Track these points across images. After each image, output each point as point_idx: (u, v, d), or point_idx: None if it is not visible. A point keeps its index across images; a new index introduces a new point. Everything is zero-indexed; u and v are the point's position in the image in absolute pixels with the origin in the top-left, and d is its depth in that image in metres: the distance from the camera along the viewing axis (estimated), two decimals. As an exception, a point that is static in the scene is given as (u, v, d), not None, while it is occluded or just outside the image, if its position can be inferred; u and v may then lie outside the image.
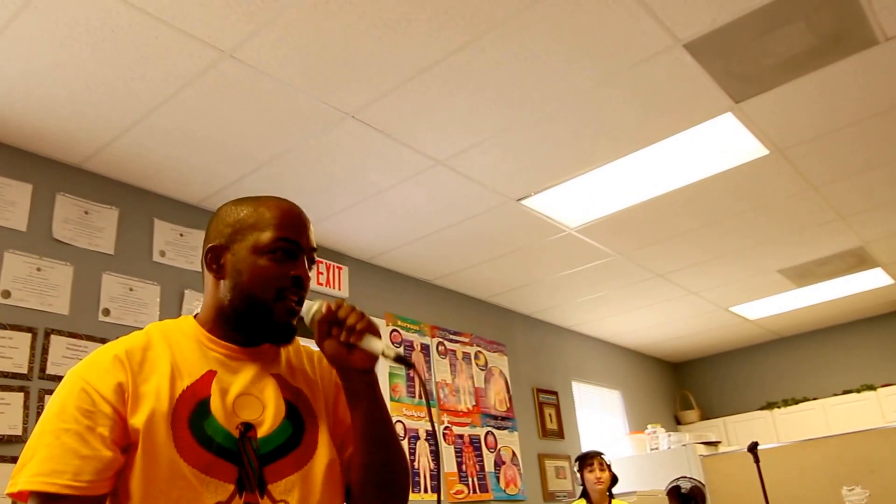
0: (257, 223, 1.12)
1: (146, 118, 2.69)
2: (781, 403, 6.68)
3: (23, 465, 0.95)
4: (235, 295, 1.09)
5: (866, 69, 2.82)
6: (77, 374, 1.01)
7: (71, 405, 0.97)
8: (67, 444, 0.95)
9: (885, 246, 4.81)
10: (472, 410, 4.65)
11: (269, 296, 1.09)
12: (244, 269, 1.09)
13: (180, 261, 3.22)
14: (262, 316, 1.10)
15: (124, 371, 1.01)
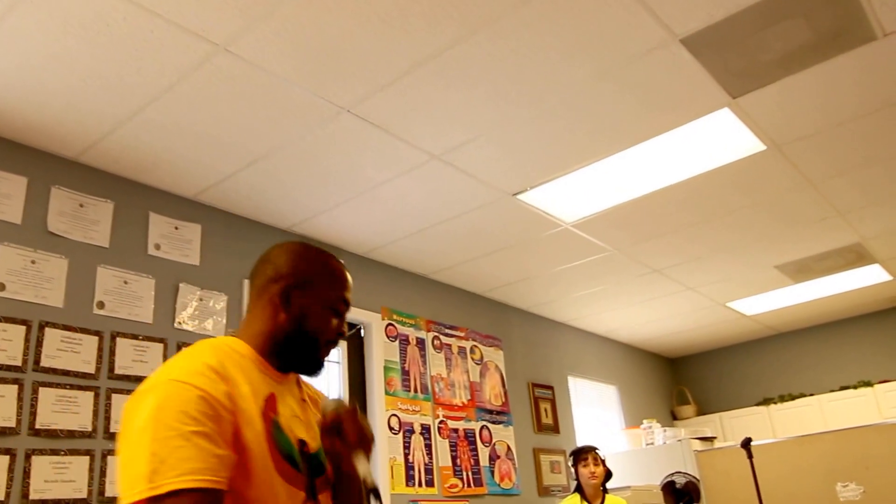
0: (329, 281, 1.32)
1: (141, 111, 2.70)
2: (778, 399, 6.72)
3: (155, 470, 1.00)
4: (295, 331, 1.27)
5: (864, 65, 2.83)
6: (184, 382, 1.08)
7: (192, 409, 1.05)
8: (201, 445, 1.03)
9: (884, 242, 4.83)
10: (468, 405, 4.68)
11: (323, 341, 1.30)
12: (310, 315, 1.28)
13: (175, 254, 3.23)
14: (312, 353, 1.30)
15: (225, 383, 1.13)
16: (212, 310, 3.30)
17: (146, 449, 1.01)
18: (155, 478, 0.99)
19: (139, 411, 1.06)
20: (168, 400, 1.06)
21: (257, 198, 3.45)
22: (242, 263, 3.55)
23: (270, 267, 1.32)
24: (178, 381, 1.08)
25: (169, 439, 1.02)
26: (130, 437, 1.05)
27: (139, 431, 1.04)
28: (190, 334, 3.17)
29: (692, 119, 3.10)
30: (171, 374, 1.10)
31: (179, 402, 1.05)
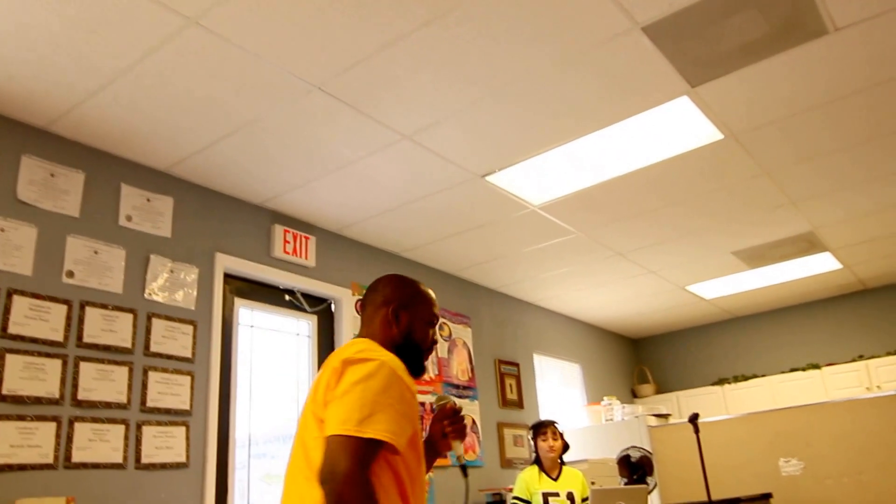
0: (423, 302, 1.72)
1: (112, 83, 2.64)
2: (732, 380, 6.84)
3: (363, 419, 1.36)
4: (406, 342, 1.65)
5: (816, 58, 2.86)
6: (395, 371, 1.46)
7: (396, 390, 1.43)
8: (402, 413, 1.42)
9: (835, 231, 4.91)
10: (435, 379, 4.70)
11: (424, 348, 1.69)
12: (416, 330, 1.67)
13: (146, 226, 3.18)
14: (418, 358, 1.67)
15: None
16: (183, 282, 3.26)
17: (359, 400, 1.38)
18: (364, 425, 1.35)
19: (357, 372, 1.43)
20: (382, 376, 1.43)
21: (229, 172, 3.41)
22: (215, 236, 3.51)
23: (379, 295, 1.70)
24: (391, 369, 1.46)
25: (378, 403, 1.38)
26: (345, 388, 1.42)
27: (360, 388, 1.40)
28: (160, 305, 3.14)
29: (653, 106, 3.11)
30: (385, 358, 1.48)
31: (390, 381, 1.43)
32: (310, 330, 4.06)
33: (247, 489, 3.43)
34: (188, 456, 3.06)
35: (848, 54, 2.84)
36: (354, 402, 1.38)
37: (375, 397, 1.39)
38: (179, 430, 3.05)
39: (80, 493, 2.66)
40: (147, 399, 2.96)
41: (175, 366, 3.11)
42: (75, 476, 2.66)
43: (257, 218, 3.77)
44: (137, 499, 2.84)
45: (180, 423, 3.07)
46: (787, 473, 3.97)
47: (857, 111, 3.30)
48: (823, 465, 3.91)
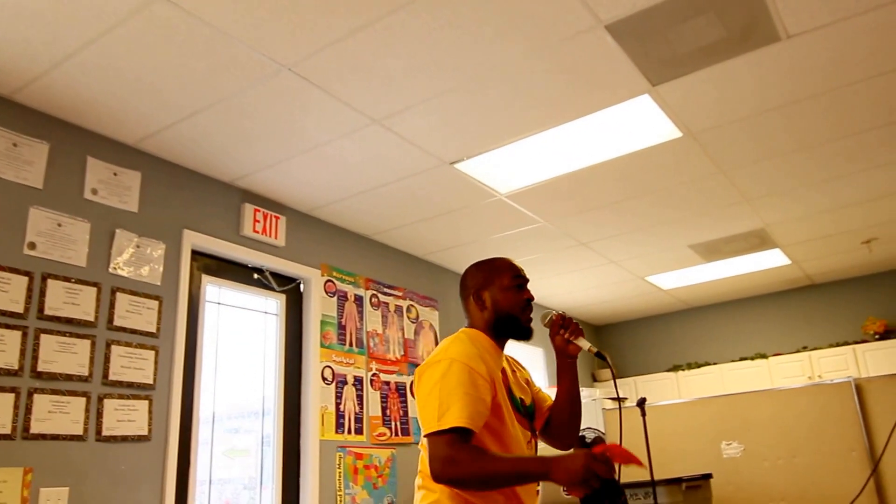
0: (498, 272, 1.77)
1: (78, 53, 2.53)
2: (686, 367, 6.94)
3: (442, 415, 1.49)
4: (498, 316, 1.74)
5: (770, 64, 2.86)
6: (461, 362, 1.56)
7: (467, 378, 1.54)
8: (475, 397, 1.53)
9: (785, 229, 4.97)
10: (401, 360, 4.67)
11: (517, 310, 1.75)
12: (500, 300, 1.75)
13: (113, 200, 3.08)
14: (517, 323, 1.74)
15: (483, 363, 1.61)
16: (149, 257, 3.18)
17: (438, 400, 1.51)
18: (443, 419, 1.48)
19: (431, 376, 1.57)
20: (456, 373, 1.54)
21: (199, 149, 3.32)
22: (183, 213, 3.42)
23: (463, 288, 1.83)
24: (460, 361, 1.56)
25: (452, 395, 1.50)
26: (425, 392, 1.55)
27: (430, 389, 1.54)
28: (125, 280, 3.05)
29: (616, 103, 3.09)
30: (452, 355, 1.58)
31: (458, 373, 1.53)
32: (278, 309, 4.00)
33: (209, 464, 3.38)
34: (150, 429, 3.00)
35: (799, 61, 2.85)
36: (433, 402, 1.52)
37: (449, 392, 1.51)
38: (142, 404, 2.99)
39: (39, 463, 2.59)
40: (109, 372, 2.89)
41: (139, 340, 3.04)
42: (33, 447, 2.59)
43: (227, 196, 3.68)
44: (97, 470, 2.78)
45: (143, 396, 3.00)
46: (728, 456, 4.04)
47: (807, 116, 3.32)
48: (761, 449, 3.99)
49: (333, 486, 3.87)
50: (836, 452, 3.94)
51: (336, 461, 3.93)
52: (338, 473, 3.92)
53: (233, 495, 3.54)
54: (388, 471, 4.27)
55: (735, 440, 4.04)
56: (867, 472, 3.83)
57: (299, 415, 3.89)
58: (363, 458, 4.12)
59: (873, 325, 6.12)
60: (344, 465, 3.97)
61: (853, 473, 3.88)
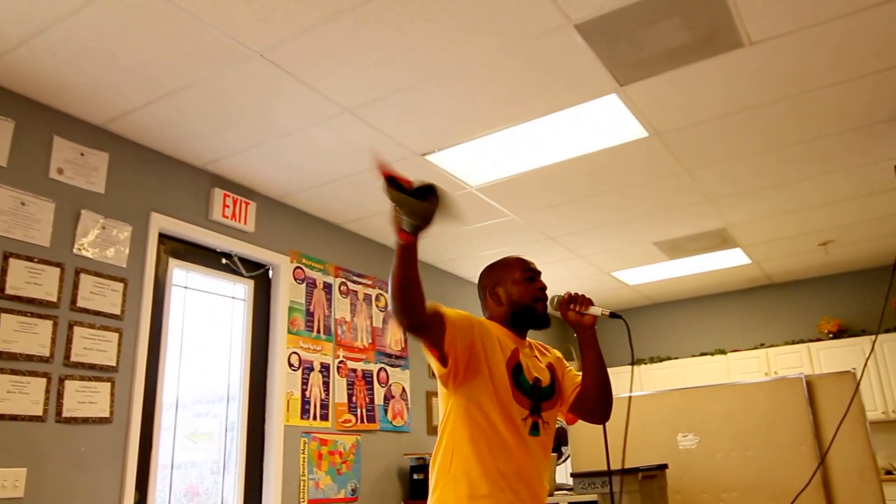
0: (508, 268, 1.93)
1: (45, 31, 2.48)
2: (647, 360, 7.07)
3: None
4: (513, 310, 1.88)
5: (733, 68, 2.92)
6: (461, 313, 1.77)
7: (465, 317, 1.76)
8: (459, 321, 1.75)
9: (745, 229, 5.09)
10: (368, 348, 4.69)
11: (529, 300, 1.88)
12: (513, 293, 1.89)
13: (79, 180, 3.03)
14: (532, 313, 1.88)
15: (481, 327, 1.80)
16: (115, 239, 3.14)
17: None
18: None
19: None
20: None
21: (169, 132, 3.28)
22: (151, 196, 3.38)
23: (480, 287, 1.98)
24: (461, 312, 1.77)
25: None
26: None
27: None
28: (90, 261, 3.01)
29: (584, 101, 3.13)
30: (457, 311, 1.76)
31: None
32: (246, 294, 3.98)
33: (172, 447, 3.36)
34: (112, 412, 2.97)
35: (762, 66, 2.92)
36: None
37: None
38: (104, 386, 2.96)
39: (-4, 443, 2.55)
40: (71, 354, 2.85)
41: (103, 322, 3.00)
42: (-9, 426, 2.55)
43: (196, 180, 3.65)
44: (57, 452, 2.75)
45: (105, 378, 2.97)
46: (684, 447, 4.14)
47: (770, 120, 3.40)
48: (715, 441, 4.09)
49: (297, 471, 3.88)
50: (786, 446, 4.06)
51: (300, 447, 3.94)
52: (302, 459, 3.93)
53: (198, 480, 3.52)
54: (353, 457, 4.29)
55: (691, 432, 4.14)
56: (814, 466, 3.96)
57: (264, 400, 3.88)
58: (328, 444, 4.13)
59: (827, 325, 6.30)
60: (308, 450, 3.98)
61: (801, 466, 4.00)
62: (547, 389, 1.86)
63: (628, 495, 3.53)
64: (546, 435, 1.84)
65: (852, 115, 3.39)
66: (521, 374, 1.80)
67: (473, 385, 1.75)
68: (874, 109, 3.34)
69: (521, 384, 1.80)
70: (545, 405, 1.84)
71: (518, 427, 1.76)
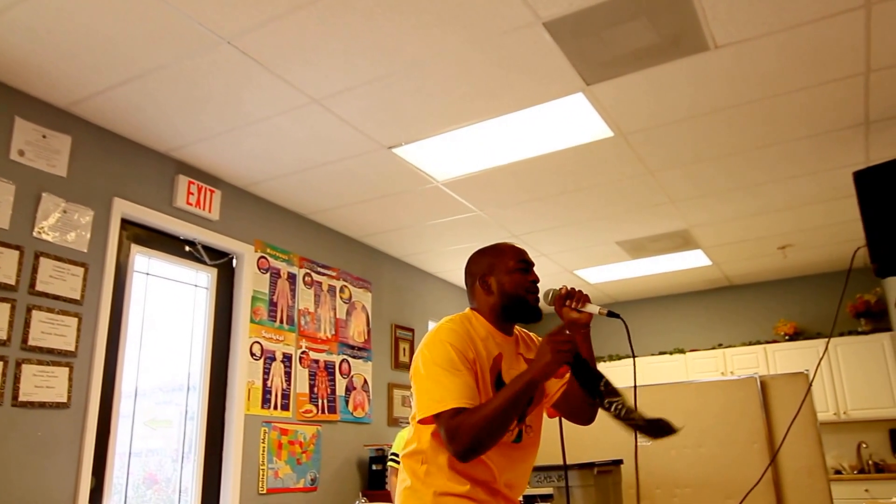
0: (501, 257, 1.79)
1: (8, 10, 2.47)
2: (608, 358, 7.21)
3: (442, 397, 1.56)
4: (504, 300, 1.75)
5: (698, 72, 3.03)
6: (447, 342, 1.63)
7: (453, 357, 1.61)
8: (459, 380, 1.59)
9: (706, 231, 5.24)
10: (331, 339, 4.72)
11: (522, 292, 1.75)
12: (505, 283, 1.75)
13: (40, 163, 3.01)
14: (524, 306, 1.75)
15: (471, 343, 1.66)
16: (76, 223, 3.12)
17: (429, 383, 1.60)
18: (442, 401, 1.55)
19: (420, 358, 1.64)
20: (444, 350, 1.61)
21: (133, 118, 3.27)
22: (114, 181, 3.37)
23: (467, 275, 1.84)
24: (444, 342, 1.63)
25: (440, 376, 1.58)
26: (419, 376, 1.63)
27: (422, 373, 1.62)
28: (50, 245, 3.00)
29: (551, 99, 3.21)
30: (439, 337, 1.65)
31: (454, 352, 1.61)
32: (209, 282, 3.99)
33: (130, 433, 3.36)
34: (69, 397, 2.97)
35: (727, 70, 3.02)
36: (430, 385, 1.61)
37: (440, 374, 1.60)
38: (62, 371, 2.95)
39: (-52, 426, 2.54)
40: (29, 337, 2.84)
41: (62, 307, 2.99)
42: (-57, 409, 2.53)
43: (161, 166, 3.64)
44: (12, 435, 2.74)
45: (64, 363, 2.96)
46: (640, 443, 4.28)
47: (734, 123, 3.52)
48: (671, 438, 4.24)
49: (256, 460, 3.90)
50: (738, 443, 4.22)
51: (261, 436, 3.96)
52: (262, 448, 3.96)
53: (157, 467, 3.53)
54: (313, 447, 4.33)
55: (646, 427, 4.28)
56: (766, 463, 4.12)
57: (225, 389, 3.90)
58: (288, 434, 4.16)
59: (784, 327, 6.52)
60: (268, 439, 4.01)
61: (753, 464, 4.16)
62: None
63: (583, 489, 3.64)
64: (529, 438, 1.75)
65: (818, 120, 3.52)
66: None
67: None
68: (839, 115, 3.48)
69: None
70: (528, 410, 1.73)
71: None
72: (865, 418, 5.98)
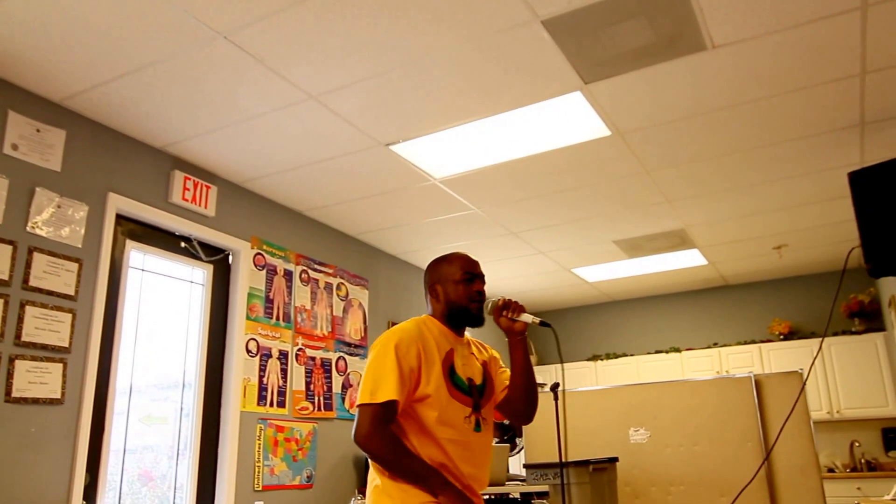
0: (449, 267, 1.99)
1: (1, 3, 2.43)
2: (605, 356, 7.23)
3: (375, 388, 1.76)
4: (450, 307, 1.95)
5: (696, 71, 3.01)
6: (394, 342, 1.81)
7: (391, 358, 1.79)
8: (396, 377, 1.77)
9: (703, 230, 5.24)
10: (328, 336, 4.70)
11: (465, 302, 1.95)
12: (451, 293, 1.96)
13: (34, 157, 2.98)
14: (467, 313, 1.95)
15: (418, 343, 1.84)
16: (70, 218, 3.10)
17: (371, 376, 1.79)
18: (375, 393, 1.75)
19: (370, 356, 1.83)
20: (388, 349, 1.80)
21: (129, 112, 3.24)
22: (109, 176, 3.34)
23: (424, 281, 2.03)
24: (394, 338, 1.82)
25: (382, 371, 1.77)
26: (366, 369, 1.82)
27: (368, 366, 1.81)
28: (44, 240, 2.97)
29: (549, 97, 3.19)
30: (390, 337, 1.83)
31: (394, 352, 1.79)
32: (204, 279, 3.96)
33: (124, 429, 3.34)
34: (63, 393, 2.94)
35: (724, 70, 3.01)
36: (369, 377, 1.79)
37: (382, 370, 1.78)
38: (56, 367, 2.92)
39: (-60, 422, 2.51)
40: (22, 333, 2.81)
41: (56, 302, 2.97)
42: (-65, 405, 2.51)
43: (157, 162, 3.61)
44: (5, 431, 2.71)
45: (57, 359, 2.94)
46: (635, 441, 4.27)
47: (731, 123, 3.50)
48: (665, 436, 4.23)
49: (252, 457, 3.88)
50: (732, 442, 4.22)
51: (256, 433, 3.94)
52: (257, 445, 3.94)
53: (152, 464, 3.51)
54: (309, 444, 4.31)
55: (643, 427, 4.28)
56: (759, 461, 4.12)
57: (221, 385, 3.88)
58: (284, 431, 4.14)
59: (779, 326, 6.53)
60: (264, 436, 3.99)
61: (747, 462, 4.16)
62: (481, 387, 1.95)
63: (578, 487, 3.63)
64: (487, 430, 1.94)
65: (814, 120, 3.51)
66: (455, 374, 1.88)
67: (415, 393, 1.83)
68: (835, 116, 3.47)
69: (457, 384, 1.88)
70: (482, 402, 1.93)
71: (461, 426, 1.85)
72: (858, 417, 6.00)
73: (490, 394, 1.98)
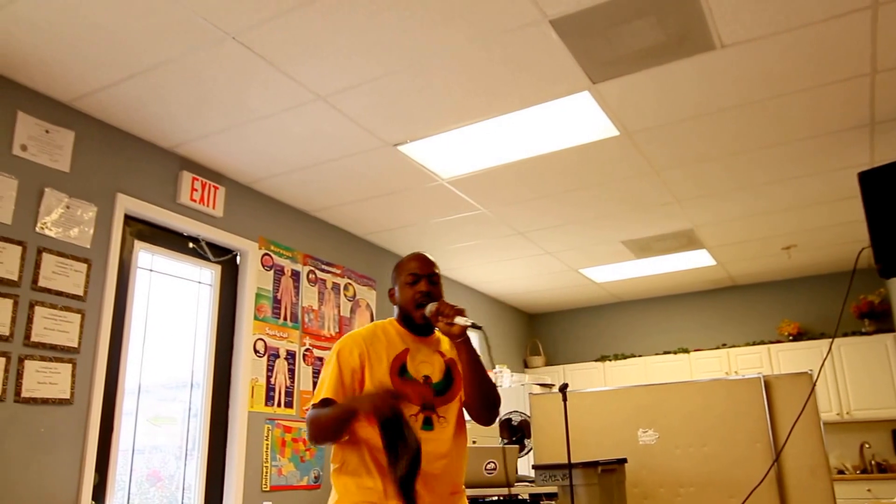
0: (402, 269, 2.00)
1: (9, 4, 2.44)
2: (612, 357, 7.20)
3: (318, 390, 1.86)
4: (402, 309, 1.97)
5: (705, 71, 3.00)
6: (342, 344, 1.90)
7: (334, 362, 1.87)
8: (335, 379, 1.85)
9: (712, 230, 5.21)
10: (335, 336, 4.70)
11: (410, 306, 1.94)
12: (401, 295, 1.97)
13: (43, 157, 2.99)
14: (409, 315, 1.95)
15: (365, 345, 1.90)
16: (79, 219, 3.10)
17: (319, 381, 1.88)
18: (317, 395, 1.85)
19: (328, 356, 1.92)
20: (333, 354, 1.89)
21: (137, 113, 3.24)
22: (117, 177, 3.35)
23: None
24: (336, 347, 1.90)
25: (323, 375, 1.88)
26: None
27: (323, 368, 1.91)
28: (53, 240, 2.98)
29: (558, 97, 3.18)
30: (338, 343, 1.91)
31: (334, 358, 1.88)
32: (212, 279, 3.97)
33: (133, 429, 3.35)
34: (73, 393, 2.95)
35: (733, 69, 2.99)
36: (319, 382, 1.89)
37: (323, 374, 1.87)
38: (65, 367, 2.93)
39: (-50, 422, 2.52)
40: (32, 333, 2.82)
41: (65, 303, 2.98)
42: (-55, 405, 2.52)
43: (165, 162, 3.62)
44: (15, 432, 2.72)
45: (67, 360, 2.95)
46: (644, 442, 4.25)
47: (740, 123, 3.48)
48: (675, 437, 4.21)
49: (260, 458, 3.89)
50: (742, 443, 4.19)
51: (264, 433, 3.94)
52: (265, 445, 3.94)
53: (161, 464, 3.51)
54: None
55: (651, 428, 4.25)
56: (769, 463, 4.09)
57: (229, 386, 3.88)
58: (292, 432, 4.14)
59: (788, 327, 6.49)
60: (272, 437, 3.99)
61: (756, 463, 4.13)
62: (440, 385, 1.92)
63: (587, 488, 3.62)
64: (442, 428, 1.89)
65: (823, 120, 3.49)
66: (406, 372, 1.88)
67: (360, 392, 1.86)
68: (844, 116, 3.45)
69: (405, 381, 1.87)
70: (439, 400, 1.90)
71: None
72: (868, 419, 5.95)
73: (455, 393, 1.94)
